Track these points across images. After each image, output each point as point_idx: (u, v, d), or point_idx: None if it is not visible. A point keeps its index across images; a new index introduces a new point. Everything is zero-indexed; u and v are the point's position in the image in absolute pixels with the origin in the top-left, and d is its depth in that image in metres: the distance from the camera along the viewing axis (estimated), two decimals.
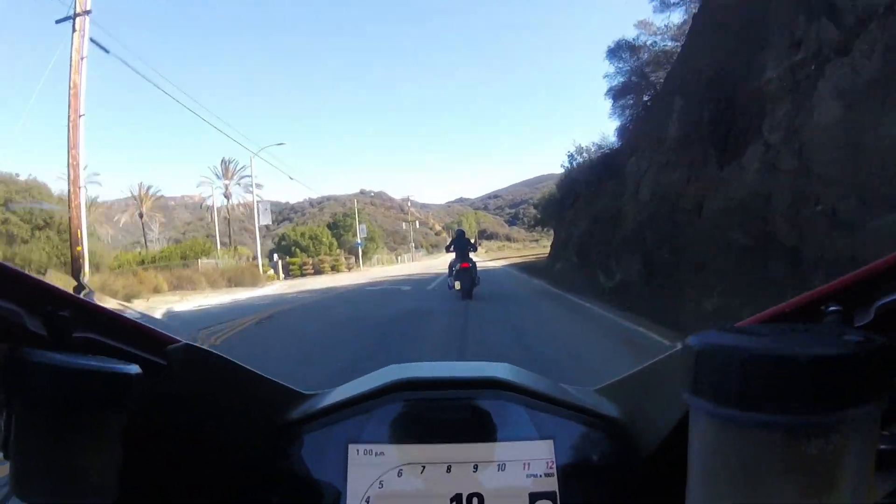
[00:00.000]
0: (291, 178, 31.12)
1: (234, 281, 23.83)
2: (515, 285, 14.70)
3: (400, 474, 0.57)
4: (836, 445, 0.26)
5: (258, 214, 29.62)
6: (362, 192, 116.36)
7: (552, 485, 0.56)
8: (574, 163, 29.63)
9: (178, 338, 0.51)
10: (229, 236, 45.23)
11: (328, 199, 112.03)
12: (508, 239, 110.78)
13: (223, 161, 46.04)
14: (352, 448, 0.59)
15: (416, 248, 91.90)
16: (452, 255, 10.16)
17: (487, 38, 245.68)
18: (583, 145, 28.81)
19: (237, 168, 42.92)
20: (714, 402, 0.28)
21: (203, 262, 26.95)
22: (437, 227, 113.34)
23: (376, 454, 0.58)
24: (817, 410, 0.26)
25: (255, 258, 29.17)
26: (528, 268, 22.28)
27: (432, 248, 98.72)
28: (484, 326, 7.19)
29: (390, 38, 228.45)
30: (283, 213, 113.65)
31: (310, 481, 0.58)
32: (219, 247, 35.16)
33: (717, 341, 0.29)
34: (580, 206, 18.21)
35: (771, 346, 0.27)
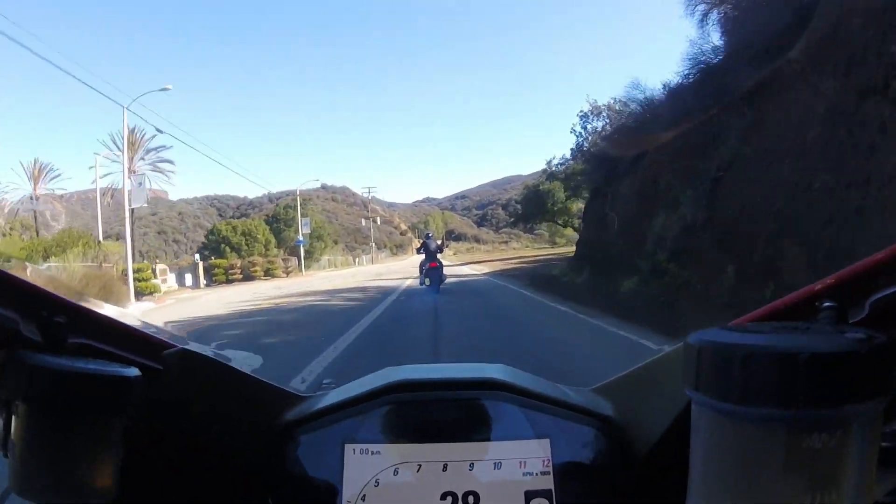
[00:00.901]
0: (160, 132, 20.41)
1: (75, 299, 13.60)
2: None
3: (396, 473, 0.57)
4: (838, 441, 0.26)
5: (128, 196, 19.39)
6: (324, 187, 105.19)
7: (548, 483, 0.56)
8: (587, 126, 20.74)
9: (173, 343, 0.51)
10: (130, 228, 34.20)
11: (288, 193, 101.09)
12: (477, 240, 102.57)
13: (129, 129, 33.73)
14: (348, 448, 0.58)
15: (378, 248, 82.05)
16: (422, 257, 11.06)
17: (458, 34, 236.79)
18: (600, 103, 20.07)
19: (143, 138, 30.64)
20: (716, 398, 0.28)
21: (40, 268, 16.63)
22: (403, 227, 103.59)
23: (372, 453, 0.58)
24: (818, 406, 0.26)
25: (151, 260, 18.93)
26: (539, 282, 13.13)
27: (397, 248, 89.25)
28: None
29: (357, 29, 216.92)
30: (240, 208, 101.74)
31: (306, 481, 0.58)
32: (101, 239, 24.56)
33: (719, 339, 0.29)
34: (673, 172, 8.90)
35: (772, 342, 0.27)
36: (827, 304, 0.34)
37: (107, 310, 0.50)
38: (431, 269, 10.43)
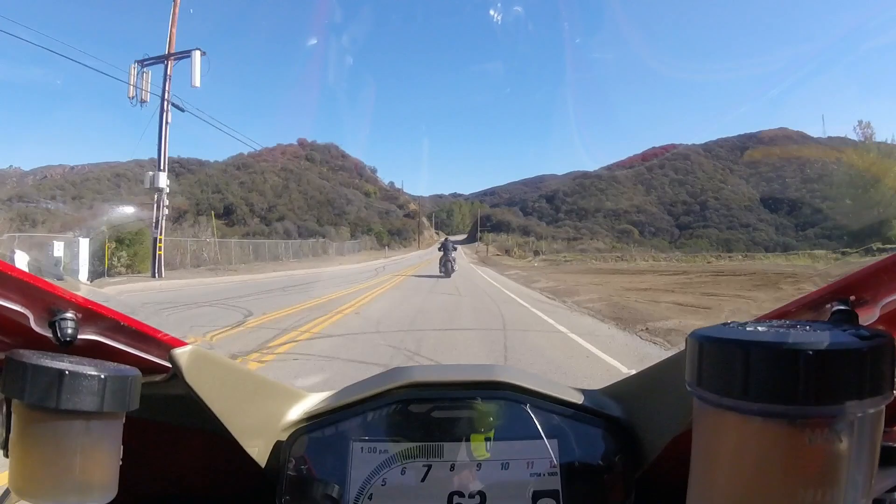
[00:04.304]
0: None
1: None
2: None
3: (403, 472, 0.55)
4: (839, 437, 0.25)
5: None
6: (301, 144, 65.22)
7: (555, 483, 0.54)
8: None
9: (183, 340, 0.50)
10: None
11: (266, 152, 62.54)
12: (526, 232, 62.08)
13: None
14: (354, 446, 0.56)
15: (358, 232, 41.33)
16: (440, 254, 16.05)
17: (482, 31, 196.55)
18: None
19: None
20: (717, 393, 0.27)
21: None
22: (412, 206, 62.58)
23: (379, 452, 0.56)
24: (820, 402, 0.25)
25: None
26: None
27: (394, 235, 49.36)
28: None
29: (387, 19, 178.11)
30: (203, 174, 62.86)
31: (313, 479, 0.56)
32: None
33: (721, 334, 0.28)
34: None
35: (774, 338, 0.26)
36: (838, 306, 0.33)
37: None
38: (446, 262, 14.96)
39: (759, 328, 0.29)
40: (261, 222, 42.95)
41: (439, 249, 15.57)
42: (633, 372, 0.91)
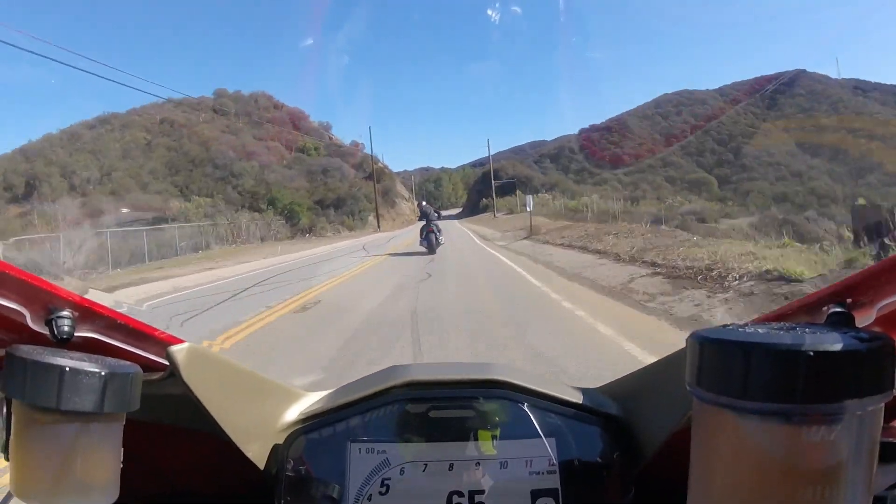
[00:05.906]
0: None
1: None
2: None
3: (402, 472, 0.54)
4: (837, 436, 0.25)
5: None
6: (217, 95, 43.30)
7: (554, 482, 0.54)
8: None
9: (180, 338, 0.48)
10: None
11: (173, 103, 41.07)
12: (550, 190, 40.77)
13: None
14: (353, 447, 0.55)
15: (255, 207, 20.39)
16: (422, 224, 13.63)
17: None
18: None
19: None
20: (717, 393, 0.27)
21: None
22: (380, 165, 41.16)
23: (378, 452, 0.55)
24: (818, 401, 0.25)
25: None
26: None
27: (330, 207, 28.73)
28: None
29: None
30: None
31: (311, 480, 0.54)
32: None
33: (721, 335, 0.28)
34: None
35: (774, 339, 0.26)
36: (834, 308, 0.32)
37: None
38: (428, 233, 11.90)
39: (759, 330, 0.28)
40: (81, 203, 21.50)
41: (420, 220, 14.30)
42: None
